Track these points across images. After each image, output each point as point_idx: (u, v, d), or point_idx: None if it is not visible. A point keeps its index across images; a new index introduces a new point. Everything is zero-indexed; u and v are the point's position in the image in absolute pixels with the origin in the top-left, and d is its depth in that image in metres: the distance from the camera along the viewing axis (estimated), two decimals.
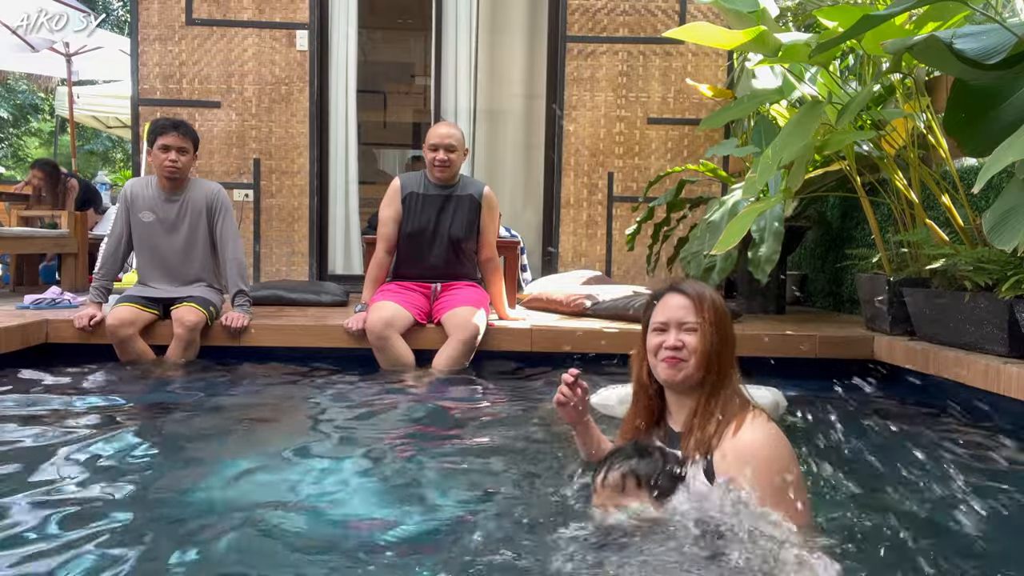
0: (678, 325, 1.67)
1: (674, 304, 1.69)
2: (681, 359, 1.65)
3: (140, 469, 2.01)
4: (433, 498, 1.80)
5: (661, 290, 1.76)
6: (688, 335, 1.65)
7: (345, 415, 2.66)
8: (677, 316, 1.68)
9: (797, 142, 3.03)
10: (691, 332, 1.65)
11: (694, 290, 1.71)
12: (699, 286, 1.73)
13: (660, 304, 1.72)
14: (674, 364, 1.65)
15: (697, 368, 1.64)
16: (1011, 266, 2.71)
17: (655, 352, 1.69)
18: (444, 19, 5.59)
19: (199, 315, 3.43)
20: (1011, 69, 2.45)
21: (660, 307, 1.72)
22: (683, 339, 1.65)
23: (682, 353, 1.65)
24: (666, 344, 1.66)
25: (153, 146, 3.53)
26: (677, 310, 1.68)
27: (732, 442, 1.55)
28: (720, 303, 1.71)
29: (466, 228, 3.65)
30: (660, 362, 1.67)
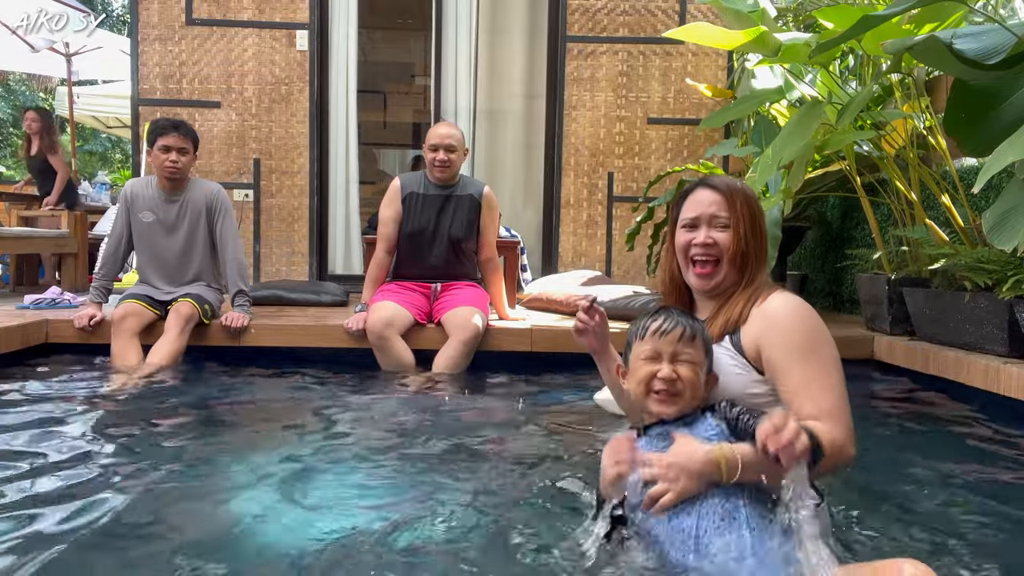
0: (709, 221, 1.58)
1: (705, 199, 1.60)
2: (712, 260, 1.58)
3: (140, 469, 2.01)
4: (433, 499, 1.80)
5: (691, 185, 1.66)
6: (720, 232, 1.57)
7: (345, 415, 2.66)
8: (709, 211, 1.59)
9: (797, 142, 3.03)
10: (723, 229, 1.57)
11: (725, 184, 1.61)
12: (730, 180, 1.63)
13: (690, 199, 1.63)
14: (706, 272, 1.58)
15: (730, 269, 1.57)
16: (1011, 266, 2.71)
17: (685, 251, 1.61)
18: (444, 19, 5.59)
19: (192, 309, 3.43)
20: (1011, 69, 2.45)
21: (690, 202, 1.62)
22: (714, 236, 1.57)
23: (714, 250, 1.57)
24: (696, 241, 1.58)
25: (153, 146, 3.53)
26: (709, 205, 1.59)
27: (759, 309, 1.53)
28: (753, 197, 1.62)
29: (466, 228, 3.65)
30: (691, 265, 1.60)
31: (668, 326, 1.47)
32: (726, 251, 1.56)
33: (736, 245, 1.56)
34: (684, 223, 1.61)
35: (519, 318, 3.84)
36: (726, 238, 1.56)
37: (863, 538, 1.54)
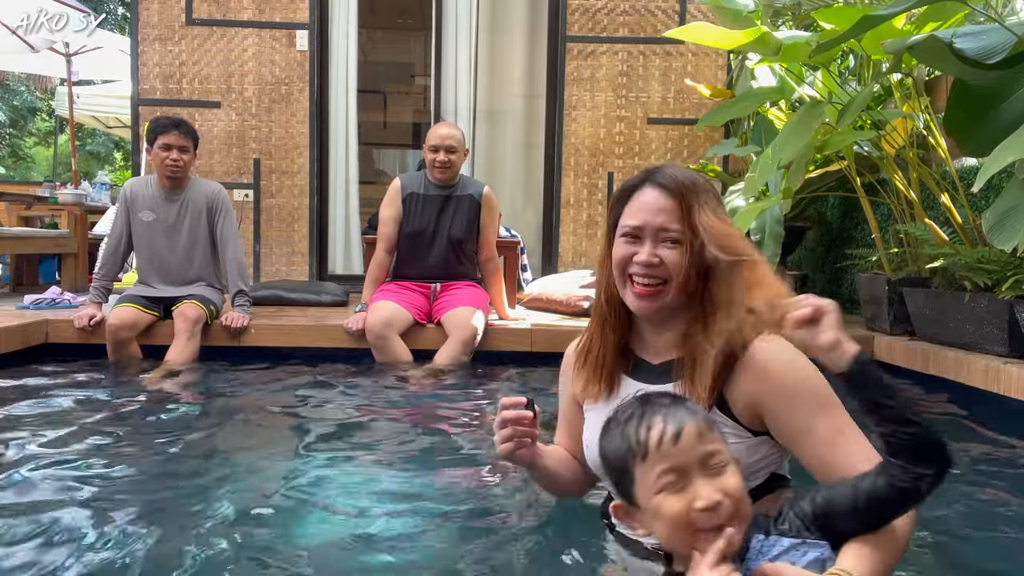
0: (655, 234, 1.25)
1: (652, 204, 1.26)
2: (656, 283, 1.25)
3: (139, 469, 2.01)
4: (432, 499, 1.80)
5: (634, 179, 1.31)
6: (668, 249, 1.24)
7: (345, 416, 2.66)
8: (656, 222, 1.25)
9: (797, 142, 3.03)
10: (673, 246, 1.24)
11: (677, 182, 1.26)
12: (684, 175, 1.28)
13: (634, 201, 1.29)
14: (647, 293, 1.25)
15: (678, 293, 1.25)
16: (1011, 266, 2.71)
17: (623, 266, 1.27)
18: (444, 19, 5.59)
19: (200, 311, 3.43)
20: (1011, 69, 2.45)
21: (634, 206, 1.28)
22: (661, 254, 1.24)
23: (659, 271, 1.24)
24: (637, 258, 1.25)
25: (154, 145, 3.52)
26: (656, 213, 1.25)
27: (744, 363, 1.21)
28: (713, 192, 1.29)
29: (466, 228, 3.65)
30: (629, 283, 1.28)
31: (671, 428, 1.04)
32: (675, 274, 1.23)
33: (687, 268, 1.23)
34: (625, 231, 1.28)
35: (519, 318, 3.84)
36: (675, 257, 1.23)
37: None
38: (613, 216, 1.33)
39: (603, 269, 1.34)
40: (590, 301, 4.17)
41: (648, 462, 1.04)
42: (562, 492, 1.50)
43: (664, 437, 1.03)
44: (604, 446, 1.12)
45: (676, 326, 1.29)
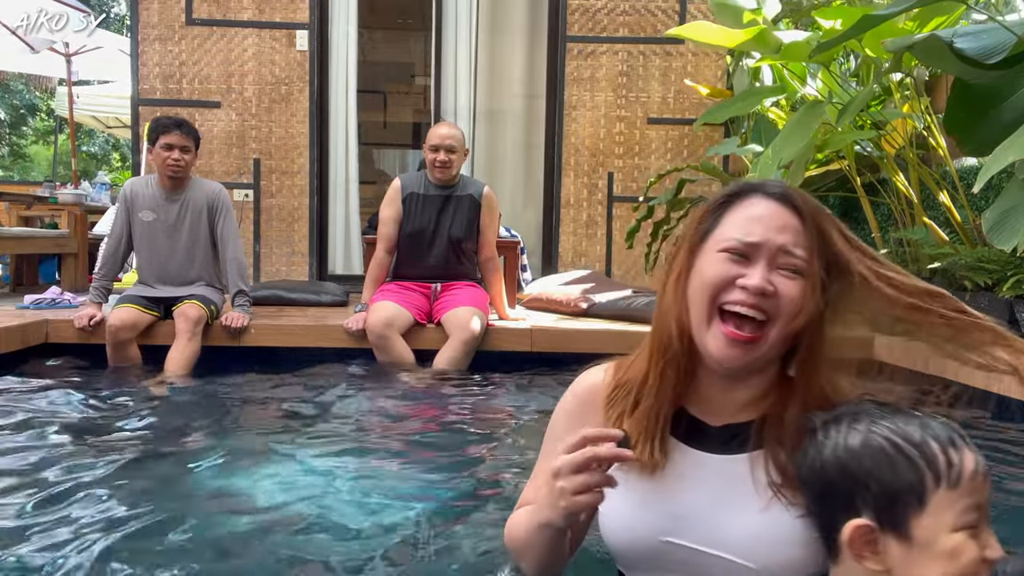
0: (773, 257, 0.94)
1: (774, 218, 0.95)
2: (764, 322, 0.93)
3: (139, 469, 2.01)
4: (432, 499, 1.80)
5: (741, 186, 1.01)
6: (788, 279, 0.93)
7: (345, 416, 2.66)
8: (778, 241, 0.94)
9: (797, 142, 3.03)
10: (793, 276, 0.94)
11: (804, 199, 0.97)
12: (806, 194, 0.99)
13: (744, 208, 0.98)
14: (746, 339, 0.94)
15: (779, 342, 0.95)
16: (1011, 266, 2.71)
17: (716, 291, 0.95)
18: (444, 19, 5.59)
19: (200, 311, 3.42)
20: (1011, 69, 2.45)
21: (746, 214, 0.97)
22: (777, 283, 0.93)
23: (768, 304, 0.93)
24: (746, 282, 0.93)
25: (155, 144, 3.51)
26: (780, 231, 0.94)
27: None
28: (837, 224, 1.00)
29: (466, 228, 3.65)
30: (715, 321, 0.95)
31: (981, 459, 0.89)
32: (786, 313, 0.93)
33: (805, 311, 0.94)
34: (730, 245, 0.96)
35: (519, 318, 3.84)
36: (795, 291, 0.93)
37: None
38: (703, 228, 1.00)
39: (674, 293, 1.00)
40: (589, 302, 4.17)
41: (957, 491, 0.87)
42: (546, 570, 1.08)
43: (979, 467, 0.88)
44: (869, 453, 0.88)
45: (753, 383, 1.01)
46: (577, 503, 0.91)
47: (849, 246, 0.98)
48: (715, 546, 0.96)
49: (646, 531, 0.99)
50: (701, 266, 0.98)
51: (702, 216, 1.02)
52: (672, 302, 1.01)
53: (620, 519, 1.00)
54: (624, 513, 0.99)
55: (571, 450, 0.91)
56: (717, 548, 0.96)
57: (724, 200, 1.01)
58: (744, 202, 0.99)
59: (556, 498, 0.92)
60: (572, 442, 0.91)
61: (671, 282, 1.02)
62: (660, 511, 0.99)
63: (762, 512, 0.96)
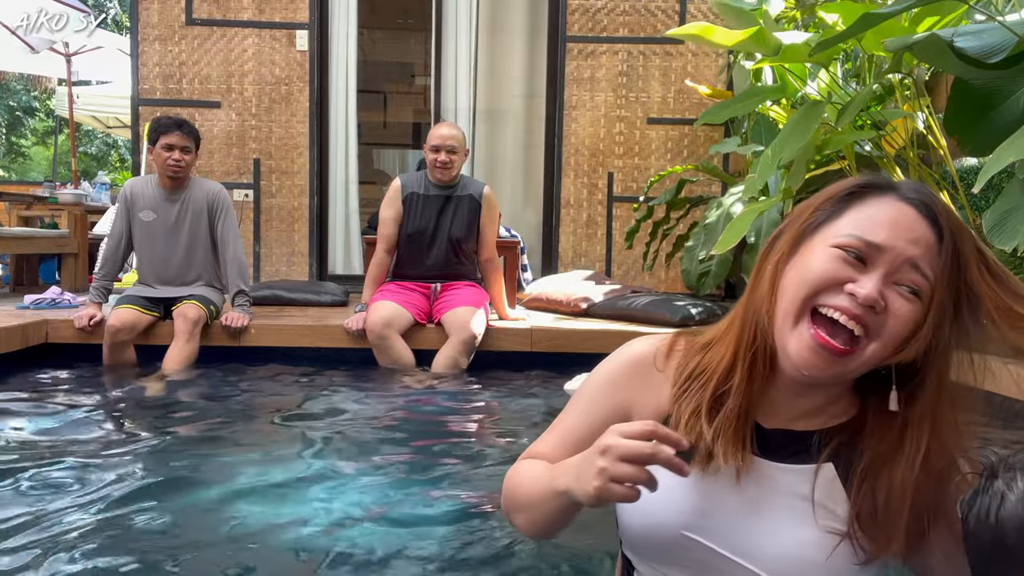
0: (898, 267, 0.82)
1: (909, 225, 0.83)
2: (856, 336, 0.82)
3: (139, 469, 2.01)
4: (432, 499, 1.80)
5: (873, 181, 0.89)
6: (903, 299, 0.82)
7: (345, 416, 2.66)
8: (908, 252, 0.82)
9: (797, 142, 3.03)
10: (911, 296, 0.82)
11: (946, 212, 0.85)
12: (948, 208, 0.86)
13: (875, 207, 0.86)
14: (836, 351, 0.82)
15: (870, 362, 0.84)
16: (1011, 266, 2.71)
17: (816, 290, 0.84)
18: (444, 19, 5.59)
19: (200, 311, 3.42)
20: (1011, 68, 2.45)
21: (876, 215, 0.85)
22: (891, 299, 0.82)
23: (872, 320, 0.82)
24: (855, 288, 0.81)
25: (155, 144, 3.51)
26: (913, 242, 0.82)
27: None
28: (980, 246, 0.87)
29: (466, 228, 3.65)
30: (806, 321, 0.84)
31: None
32: (890, 337, 0.82)
33: (917, 341, 0.83)
34: (847, 242, 0.84)
35: (519, 318, 3.84)
36: (907, 312, 0.82)
37: None
38: (817, 217, 0.89)
39: (771, 280, 0.89)
40: (589, 302, 4.17)
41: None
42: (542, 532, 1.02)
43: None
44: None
45: (823, 393, 0.91)
46: (612, 491, 0.81)
47: (984, 279, 0.84)
48: (738, 553, 0.89)
49: (669, 520, 0.91)
50: (807, 257, 0.86)
51: (820, 203, 0.90)
52: (767, 291, 0.89)
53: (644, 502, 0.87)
54: (650, 497, 0.85)
55: (631, 436, 0.80)
56: (740, 556, 0.89)
57: (851, 191, 0.88)
58: (875, 200, 0.86)
59: (591, 475, 0.82)
60: (636, 429, 0.81)
61: (770, 267, 0.89)
62: (690, 504, 0.91)
63: (799, 529, 0.88)
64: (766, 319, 0.88)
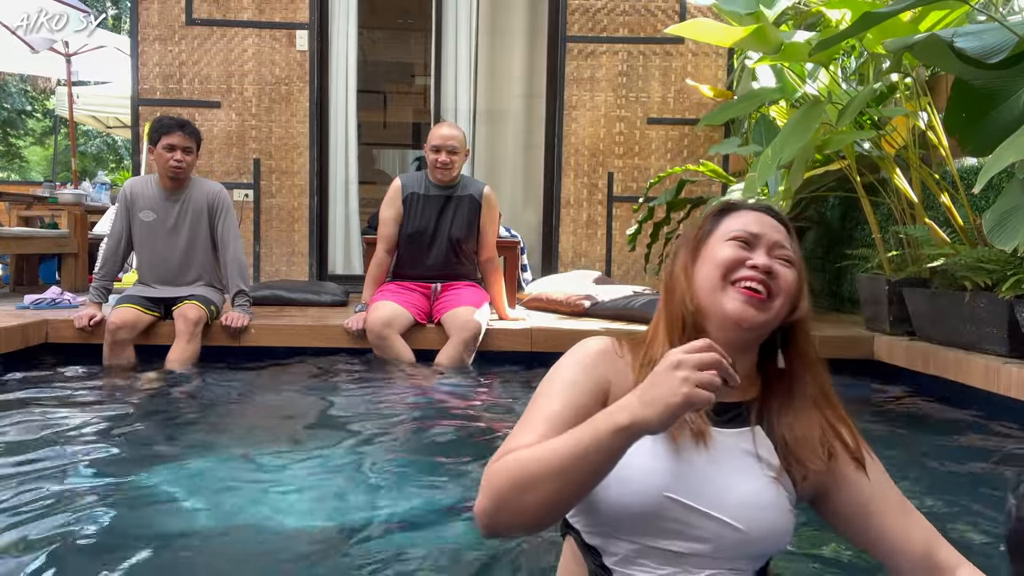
0: (771, 247, 1.14)
1: (767, 222, 1.17)
2: (768, 293, 1.11)
3: (139, 470, 2.01)
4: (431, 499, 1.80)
5: (733, 203, 1.22)
6: (783, 267, 1.14)
7: (344, 417, 2.66)
8: (774, 237, 1.15)
9: (797, 142, 3.03)
10: (786, 264, 1.14)
11: (782, 214, 1.21)
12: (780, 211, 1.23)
13: (742, 215, 1.18)
14: (760, 299, 1.10)
15: (781, 311, 1.12)
16: (1011, 266, 2.71)
17: (727, 270, 1.12)
18: (444, 19, 5.59)
19: (200, 311, 3.42)
20: (1011, 69, 2.45)
21: (744, 217, 1.17)
22: (776, 268, 1.12)
23: (772, 285, 1.11)
24: (753, 261, 1.11)
25: (157, 144, 3.51)
26: (774, 230, 1.16)
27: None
28: None
29: (466, 228, 3.65)
30: (732, 289, 1.11)
31: None
32: (785, 293, 1.12)
33: (803, 295, 1.16)
34: (736, 235, 1.15)
35: (519, 318, 3.84)
36: (791, 276, 1.14)
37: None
38: (703, 231, 1.18)
39: (684, 280, 1.15)
40: (591, 300, 4.17)
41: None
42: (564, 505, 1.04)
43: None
44: None
45: (744, 363, 1.15)
46: (699, 395, 0.93)
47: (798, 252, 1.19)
48: (709, 506, 1.04)
49: (651, 483, 1.04)
50: (711, 253, 1.14)
51: (702, 224, 1.19)
52: (684, 288, 1.15)
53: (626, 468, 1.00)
54: (632, 464, 1.01)
55: (696, 351, 0.96)
56: (711, 508, 1.04)
57: (717, 213, 1.20)
58: (737, 212, 1.18)
59: (675, 388, 0.94)
60: (698, 345, 0.97)
61: (678, 273, 1.17)
62: (667, 468, 1.05)
63: (750, 480, 1.07)
64: (691, 307, 1.13)
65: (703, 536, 1.04)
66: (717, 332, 1.11)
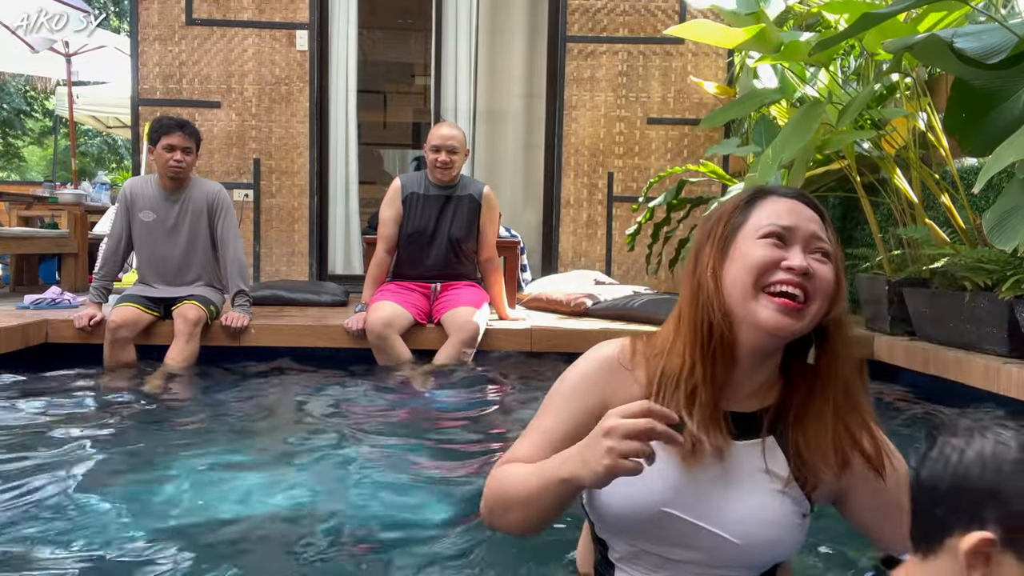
0: (808, 241, 1.03)
1: (803, 212, 1.06)
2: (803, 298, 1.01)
3: (139, 470, 2.01)
4: (431, 499, 1.80)
5: (763, 189, 1.10)
6: (821, 263, 1.03)
7: (345, 416, 2.66)
8: (810, 229, 1.04)
9: (797, 142, 3.03)
10: (823, 260, 1.04)
11: (812, 198, 1.09)
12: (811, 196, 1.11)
13: (773, 204, 1.07)
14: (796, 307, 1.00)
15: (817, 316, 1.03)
16: (1011, 266, 2.71)
17: (759, 274, 1.02)
18: (444, 19, 5.59)
19: (200, 312, 3.42)
20: (1011, 69, 2.45)
21: (776, 208, 1.06)
22: (814, 266, 1.02)
23: (809, 285, 1.01)
24: (790, 263, 1.01)
25: (156, 144, 3.51)
26: (809, 221, 1.05)
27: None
28: None
29: (466, 228, 3.65)
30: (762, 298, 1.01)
31: None
32: (823, 294, 1.02)
33: (841, 293, 1.05)
34: (769, 231, 1.03)
35: (519, 318, 3.84)
36: (828, 273, 1.03)
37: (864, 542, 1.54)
38: (732, 224, 1.07)
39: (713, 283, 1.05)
40: (591, 300, 4.17)
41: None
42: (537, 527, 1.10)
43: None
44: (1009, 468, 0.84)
45: (767, 368, 1.08)
46: (622, 466, 0.92)
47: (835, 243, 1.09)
48: (708, 522, 1.03)
49: (650, 499, 1.03)
50: (742, 252, 1.04)
51: (728, 215, 1.08)
52: (712, 291, 1.04)
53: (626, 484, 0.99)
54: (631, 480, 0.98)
55: (629, 416, 0.93)
56: (710, 524, 1.03)
57: (746, 201, 1.09)
58: (766, 201, 1.07)
59: (599, 455, 0.92)
60: (634, 409, 0.93)
61: (706, 274, 1.06)
62: (666, 483, 1.03)
63: (756, 495, 1.04)
64: (719, 314, 1.03)
65: (699, 546, 1.03)
66: (746, 338, 1.04)
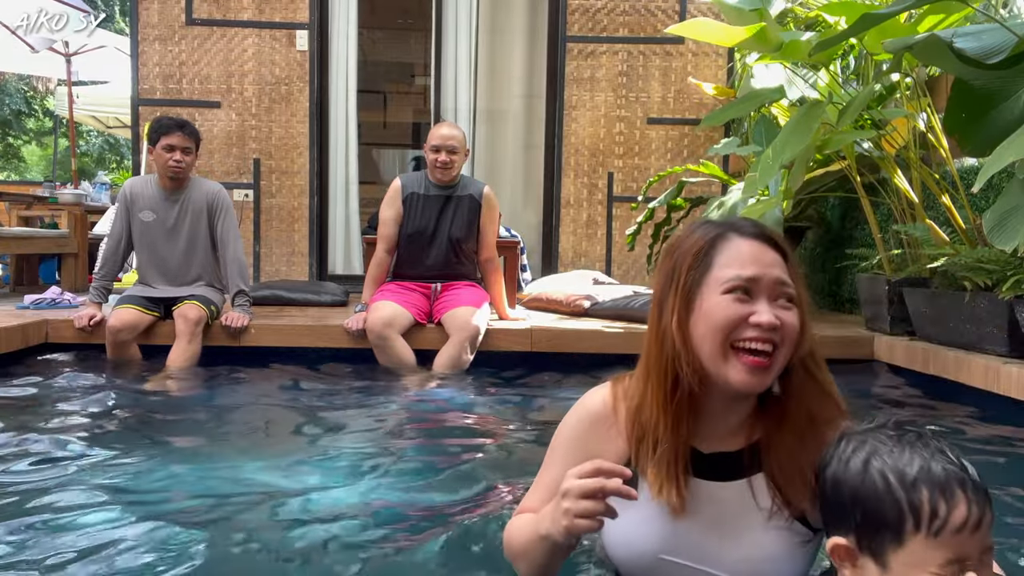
0: (772, 289, 1.01)
1: (764, 256, 1.03)
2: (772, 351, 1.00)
3: (139, 470, 2.01)
4: (431, 499, 1.80)
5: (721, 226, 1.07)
6: (786, 310, 1.01)
7: (345, 416, 2.66)
8: (773, 275, 1.01)
9: (798, 142, 3.03)
10: (788, 306, 1.02)
11: (771, 232, 1.07)
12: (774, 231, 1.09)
13: (736, 248, 1.03)
14: (763, 364, 1.00)
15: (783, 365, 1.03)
16: (1011, 266, 2.71)
17: (728, 331, 1.00)
18: (444, 19, 5.59)
19: (201, 311, 3.42)
20: (1011, 69, 2.45)
21: (739, 253, 1.03)
22: (781, 316, 1.00)
23: (776, 336, 1.00)
24: (758, 319, 0.99)
25: (156, 145, 3.51)
26: (771, 266, 1.02)
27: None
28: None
29: (466, 228, 3.65)
30: (733, 356, 1.01)
31: (976, 512, 0.88)
32: (790, 342, 1.01)
33: (806, 336, 1.04)
34: (734, 285, 1.01)
35: (519, 318, 3.84)
36: (794, 320, 1.01)
37: None
38: (695, 274, 1.04)
39: (679, 336, 1.03)
40: (591, 301, 4.17)
41: (937, 541, 0.87)
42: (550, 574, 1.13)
43: (968, 522, 0.87)
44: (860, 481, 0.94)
45: (742, 408, 1.09)
46: (578, 526, 0.96)
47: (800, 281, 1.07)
48: (708, 564, 1.05)
49: (645, 547, 1.07)
50: (707, 309, 1.02)
51: (688, 265, 1.05)
52: (680, 346, 1.04)
53: (622, 533, 1.08)
54: (626, 529, 1.06)
55: (583, 476, 0.96)
56: (710, 566, 1.05)
57: (707, 246, 1.05)
58: (726, 244, 1.04)
59: (559, 516, 0.97)
60: (585, 469, 0.96)
61: (672, 327, 1.04)
62: (660, 531, 1.06)
63: (753, 534, 1.06)
64: (688, 368, 1.03)
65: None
66: (716, 391, 1.04)
